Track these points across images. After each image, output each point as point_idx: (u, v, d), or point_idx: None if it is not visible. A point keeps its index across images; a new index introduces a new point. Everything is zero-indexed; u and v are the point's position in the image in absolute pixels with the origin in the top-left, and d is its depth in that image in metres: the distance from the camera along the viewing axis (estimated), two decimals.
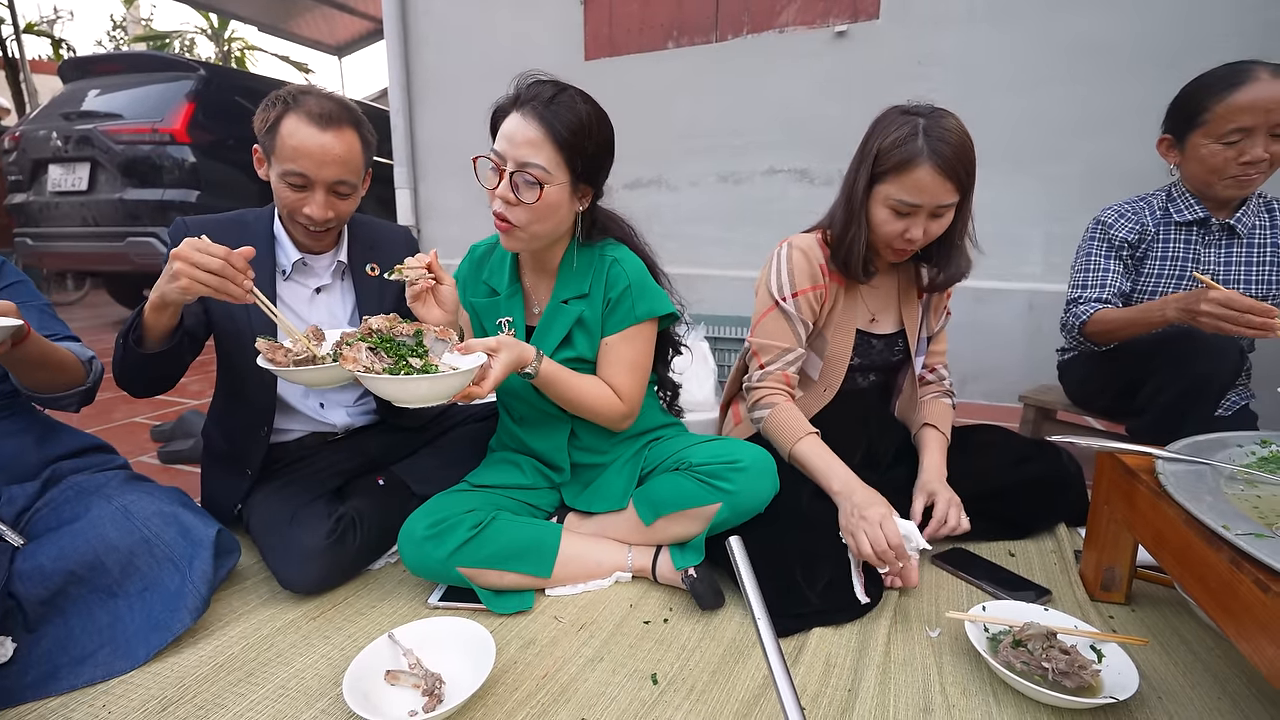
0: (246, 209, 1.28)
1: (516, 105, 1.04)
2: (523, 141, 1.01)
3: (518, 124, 1.02)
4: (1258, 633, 0.66)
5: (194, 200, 3.34)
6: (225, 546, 1.04)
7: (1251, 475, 0.90)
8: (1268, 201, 1.38)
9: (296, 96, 1.13)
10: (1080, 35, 2.17)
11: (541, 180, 1.02)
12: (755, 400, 1.28)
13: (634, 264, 1.17)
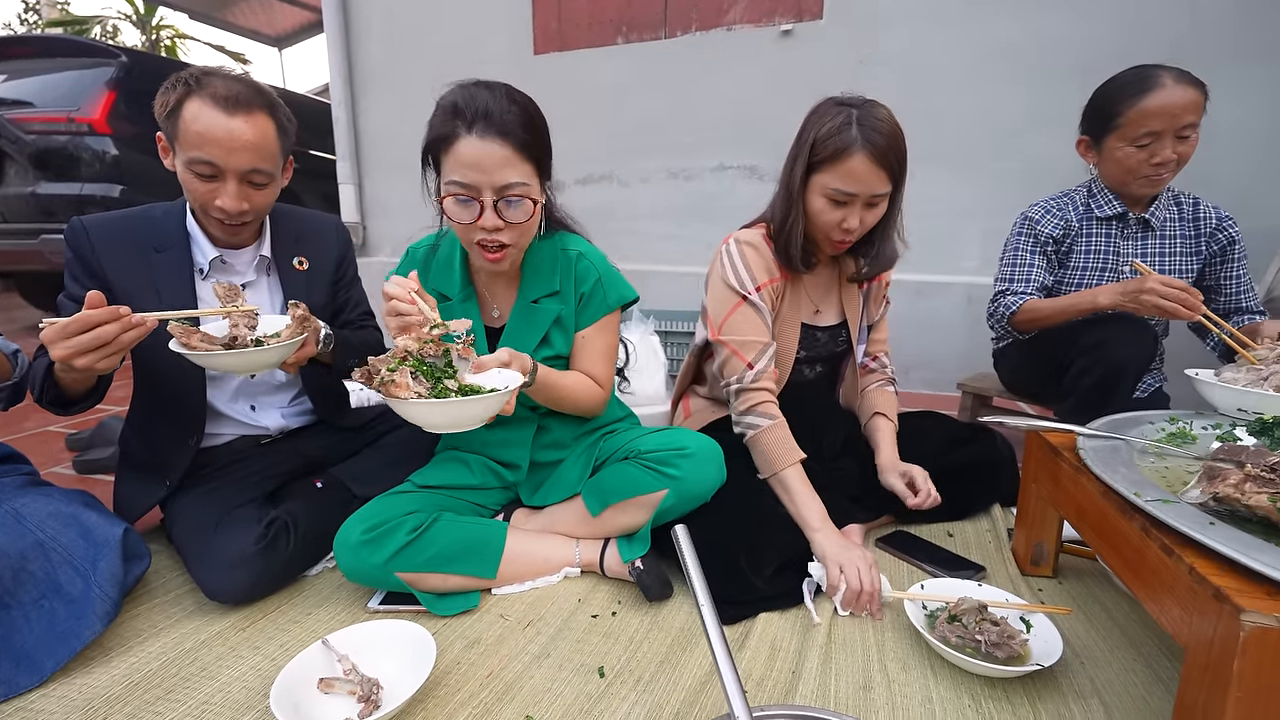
0: (155, 203, 1.19)
1: (468, 128, 0.95)
2: (495, 165, 0.95)
3: (481, 149, 0.95)
4: (1164, 594, 0.70)
5: (117, 195, 3.13)
6: (134, 549, 0.98)
7: (1162, 449, 0.96)
8: (1176, 195, 1.47)
9: (200, 78, 1.05)
10: (1015, 38, 2.27)
11: (526, 196, 0.99)
12: (752, 405, 1.21)
13: (597, 254, 1.19)
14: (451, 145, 0.96)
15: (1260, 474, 0.69)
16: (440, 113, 0.99)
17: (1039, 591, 1.10)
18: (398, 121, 3.35)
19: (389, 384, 0.83)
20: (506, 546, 1.10)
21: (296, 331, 1.03)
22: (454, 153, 0.96)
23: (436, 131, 0.99)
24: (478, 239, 1.01)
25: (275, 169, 1.13)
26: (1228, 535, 0.65)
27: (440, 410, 0.84)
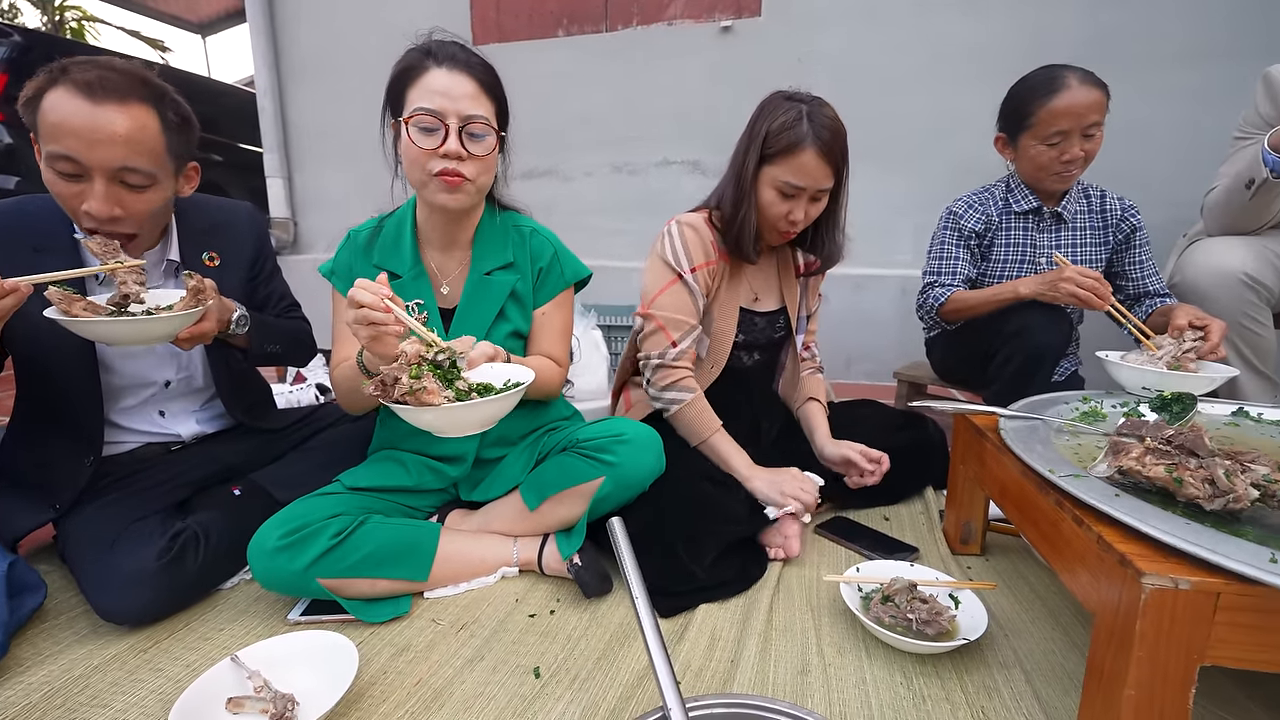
0: (32, 195, 1.06)
1: (437, 61, 0.98)
2: (462, 95, 0.98)
3: (450, 79, 0.98)
4: (1076, 563, 0.73)
5: (12, 187, 2.88)
6: (24, 581, 0.89)
7: (1076, 428, 1.00)
8: (1085, 188, 1.56)
9: (69, 66, 0.93)
10: (943, 40, 2.35)
11: (489, 129, 1.01)
12: (670, 381, 1.26)
13: (549, 231, 1.20)
14: (419, 76, 0.98)
15: (1158, 447, 0.73)
16: (407, 54, 1.02)
17: (968, 569, 1.14)
18: (329, 113, 3.20)
19: (420, 392, 0.78)
20: (440, 548, 1.06)
21: (191, 304, 0.95)
22: (422, 82, 0.98)
23: (403, 65, 1.01)
24: (438, 170, 0.99)
25: (158, 169, 0.99)
26: (1131, 506, 0.68)
27: (473, 412, 0.81)
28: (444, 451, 1.16)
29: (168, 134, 0.99)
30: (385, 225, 1.15)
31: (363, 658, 0.88)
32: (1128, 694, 0.62)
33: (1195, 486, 0.67)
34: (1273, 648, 0.58)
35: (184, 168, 1.07)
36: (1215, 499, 0.66)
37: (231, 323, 1.10)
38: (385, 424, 1.22)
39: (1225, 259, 1.44)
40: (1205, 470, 0.67)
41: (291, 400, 2.18)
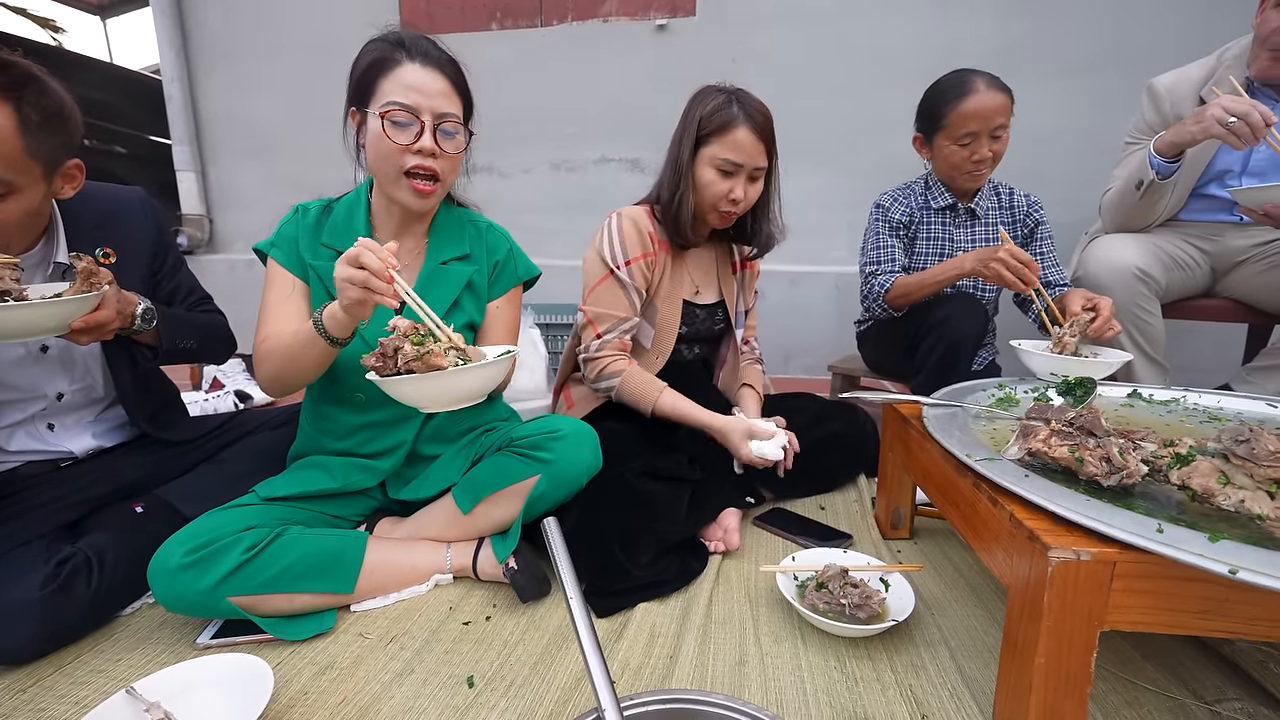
0: None
1: (410, 56, 0.97)
2: (436, 92, 0.98)
3: (424, 75, 0.97)
4: (991, 541, 0.76)
5: None
6: None
7: (992, 413, 1.06)
8: (995, 186, 1.66)
9: None
10: (866, 45, 2.44)
11: (459, 128, 1.02)
12: (600, 369, 1.30)
13: (503, 228, 1.22)
14: (392, 70, 0.97)
15: (1062, 429, 0.77)
16: (375, 45, 1.00)
17: (898, 553, 1.18)
18: (245, 102, 3.01)
19: (428, 356, 0.81)
20: (367, 557, 1.01)
21: (82, 289, 0.86)
22: (395, 76, 0.97)
23: (374, 57, 0.98)
24: (411, 165, 0.98)
25: (16, 175, 0.86)
26: (1039, 485, 0.72)
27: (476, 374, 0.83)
28: (377, 444, 1.11)
29: (28, 134, 0.85)
30: (336, 207, 1.11)
31: (281, 679, 0.83)
32: (1038, 662, 0.65)
33: (1094, 465, 0.71)
34: (1162, 610, 0.62)
35: (60, 167, 0.94)
36: (1111, 475, 0.70)
37: (136, 317, 1.01)
38: (313, 422, 1.15)
39: (1119, 255, 1.55)
40: (1102, 449, 0.72)
41: (207, 409, 2.04)
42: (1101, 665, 0.85)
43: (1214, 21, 2.00)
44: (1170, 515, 0.65)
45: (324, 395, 1.12)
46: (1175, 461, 0.69)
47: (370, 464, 1.10)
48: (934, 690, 0.82)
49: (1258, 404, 1.06)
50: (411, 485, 1.13)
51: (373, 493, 1.14)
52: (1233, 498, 0.62)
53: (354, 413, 1.10)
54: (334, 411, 1.12)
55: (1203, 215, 1.65)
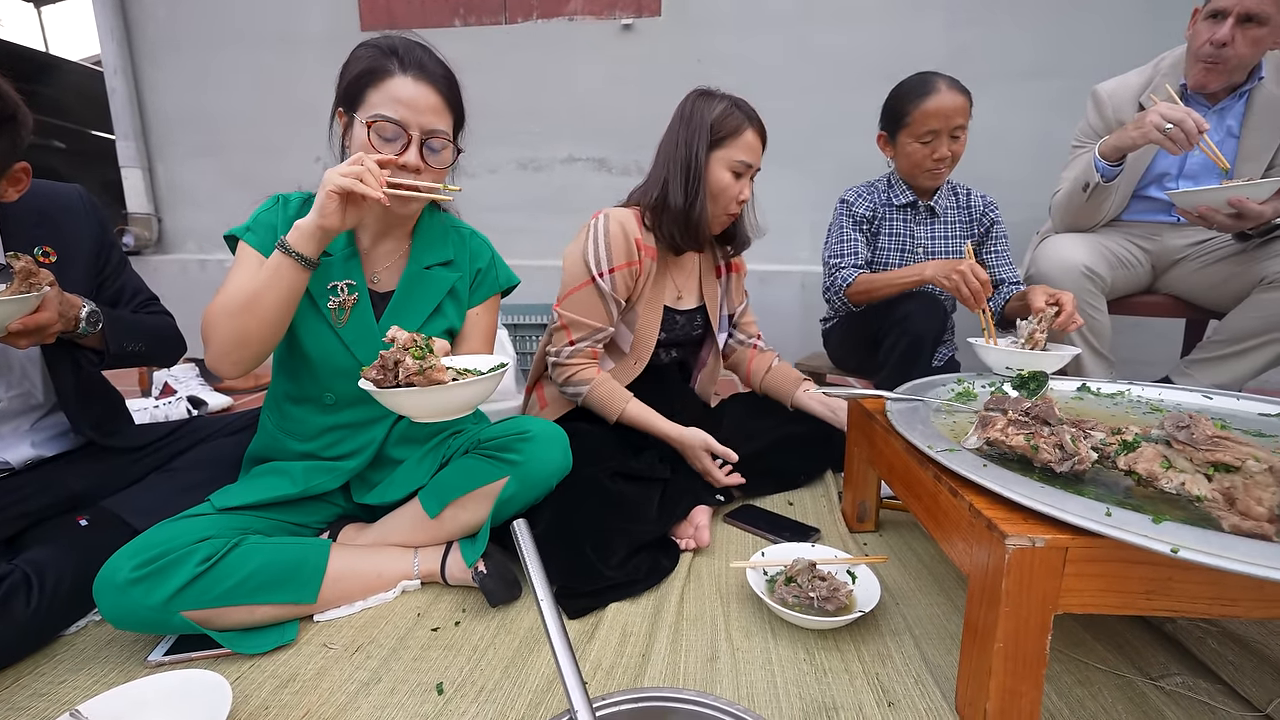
0: None
1: (403, 67, 0.95)
2: (427, 109, 0.97)
3: (415, 89, 0.95)
4: (952, 531, 0.78)
5: None
6: None
7: (952, 407, 1.09)
8: (953, 187, 1.72)
9: None
10: (827, 47, 2.49)
11: (448, 143, 1.01)
12: (568, 376, 1.30)
13: (484, 236, 1.21)
14: (383, 81, 0.95)
15: (1018, 418, 0.80)
16: (367, 51, 0.98)
17: (864, 545, 1.21)
18: (194, 96, 2.90)
19: (430, 370, 0.82)
20: (330, 565, 0.98)
21: (20, 290, 0.82)
22: (385, 88, 0.95)
23: (365, 66, 0.96)
24: (394, 178, 0.95)
25: None
26: (996, 474, 0.74)
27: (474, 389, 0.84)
28: (344, 449, 1.08)
29: None
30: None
31: (240, 694, 0.80)
32: (997, 646, 0.67)
33: (1048, 451, 0.74)
34: (1112, 592, 0.65)
35: (6, 171, 0.89)
36: (1064, 462, 0.73)
37: (80, 320, 0.96)
38: (277, 421, 1.11)
39: (1069, 254, 1.62)
40: (1056, 436, 0.75)
41: (158, 415, 1.95)
42: (1055, 647, 0.88)
43: (1152, 31, 2.10)
44: (1118, 499, 0.68)
45: (291, 394, 1.09)
46: (1122, 448, 0.72)
47: (334, 465, 1.07)
48: (899, 678, 0.84)
49: (1194, 396, 1.12)
50: (376, 490, 1.11)
51: (335, 498, 1.11)
52: (1174, 481, 0.65)
53: (322, 414, 1.08)
54: (301, 412, 1.08)
55: (1143, 216, 1.73)
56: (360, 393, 1.07)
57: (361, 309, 1.04)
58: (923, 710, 0.78)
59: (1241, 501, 0.59)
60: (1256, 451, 0.63)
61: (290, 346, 1.05)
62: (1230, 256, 1.59)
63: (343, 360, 1.03)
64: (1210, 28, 1.48)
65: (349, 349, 1.03)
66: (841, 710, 0.78)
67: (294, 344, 1.04)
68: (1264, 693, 0.80)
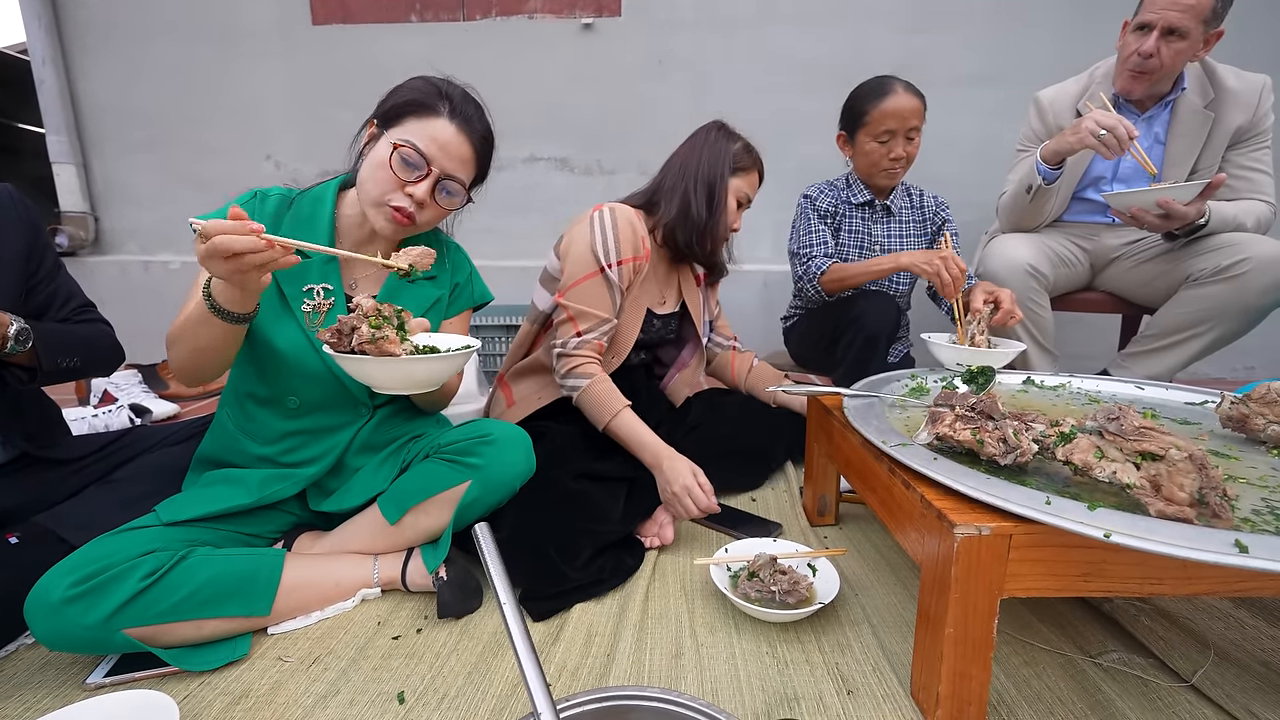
0: None
1: (451, 114, 0.99)
2: (456, 156, 1.00)
3: (453, 136, 0.99)
4: (905, 522, 0.81)
5: None
6: None
7: (906, 402, 1.13)
8: (907, 188, 1.80)
9: None
10: (785, 50, 2.54)
11: (462, 190, 1.03)
12: (570, 368, 1.29)
13: (464, 249, 1.24)
14: (428, 116, 0.98)
15: (965, 414, 0.83)
16: (424, 85, 1.01)
17: (824, 539, 1.24)
18: (135, 89, 2.76)
19: (381, 341, 0.82)
20: (284, 575, 0.95)
21: None
22: (427, 124, 0.98)
23: (416, 96, 0.99)
24: (396, 203, 0.97)
25: None
26: (945, 467, 0.77)
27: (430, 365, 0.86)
28: (304, 455, 1.05)
29: None
30: (299, 201, 1.05)
31: (188, 713, 0.77)
32: (948, 632, 0.70)
33: (992, 445, 0.78)
34: (1053, 576, 0.69)
35: None
36: (1007, 455, 0.77)
37: (9, 339, 0.91)
38: (238, 422, 1.06)
39: (1013, 253, 1.70)
40: (999, 430, 0.78)
41: (97, 425, 1.85)
42: (1003, 630, 0.92)
43: (1087, 41, 2.20)
44: (1057, 489, 0.72)
45: (255, 394, 1.05)
46: (1060, 440, 0.76)
47: (292, 472, 1.04)
48: (858, 666, 0.86)
49: (1129, 387, 1.18)
50: (334, 496, 1.08)
51: (290, 507, 1.08)
52: (1107, 470, 0.69)
53: (285, 417, 1.04)
54: (264, 414, 1.05)
55: (1082, 217, 1.82)
56: (325, 398, 1.05)
57: (337, 314, 1.01)
58: (880, 697, 0.80)
59: (1165, 488, 0.63)
60: (1178, 441, 0.67)
61: (257, 346, 1.01)
62: (1160, 256, 1.69)
63: (313, 364, 1.00)
64: (1137, 39, 1.57)
65: (320, 354, 1.00)
66: (803, 700, 0.80)
67: (262, 343, 1.00)
68: (1190, 664, 0.85)
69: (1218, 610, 0.98)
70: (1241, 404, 0.90)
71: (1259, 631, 0.93)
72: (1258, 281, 1.49)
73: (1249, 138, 1.65)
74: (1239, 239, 1.55)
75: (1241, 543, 0.56)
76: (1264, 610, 0.98)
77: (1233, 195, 1.65)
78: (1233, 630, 0.93)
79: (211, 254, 0.74)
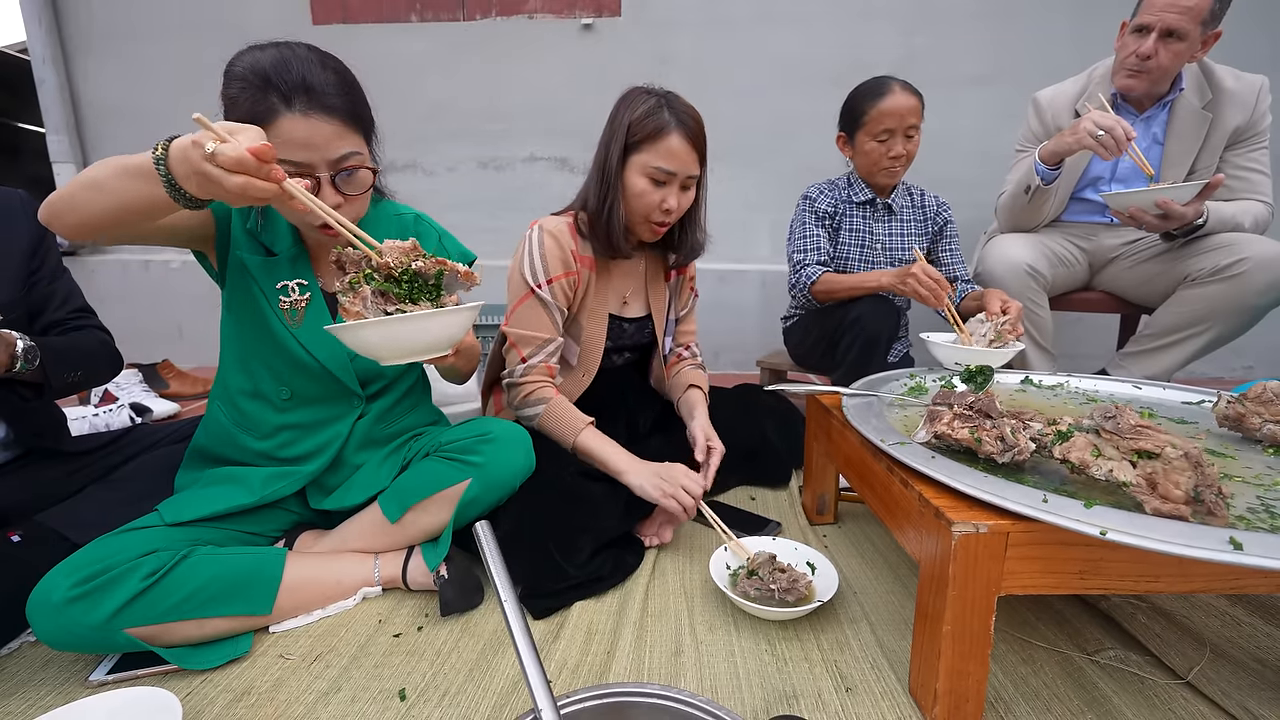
0: None
1: (288, 105, 0.84)
2: (325, 142, 0.87)
3: (309, 127, 0.85)
4: (904, 520, 0.82)
5: None
6: None
7: (905, 402, 1.13)
8: (908, 187, 1.80)
9: None
10: (784, 50, 2.54)
11: (362, 165, 0.92)
12: (523, 396, 1.23)
13: (430, 218, 1.16)
14: (272, 122, 0.84)
15: (963, 412, 0.84)
16: (242, 86, 0.85)
17: (824, 537, 1.24)
18: (131, 87, 2.76)
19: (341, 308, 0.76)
20: (286, 574, 0.95)
21: None
22: (276, 131, 0.84)
23: (245, 110, 0.84)
24: (319, 222, 0.86)
25: None
26: (944, 465, 0.78)
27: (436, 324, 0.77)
28: (300, 449, 1.04)
29: None
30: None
31: (191, 711, 0.78)
32: (946, 629, 0.70)
33: (990, 443, 0.78)
34: (1050, 574, 0.69)
35: None
36: (1005, 453, 0.77)
37: (17, 357, 0.92)
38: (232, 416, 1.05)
39: (1013, 254, 1.70)
40: (997, 429, 0.78)
41: (98, 424, 1.86)
42: (1001, 628, 0.93)
43: (1087, 41, 2.21)
44: (1054, 487, 0.72)
45: (244, 389, 1.04)
46: (1057, 438, 0.77)
47: (292, 470, 1.04)
48: (856, 664, 0.87)
49: (1126, 386, 1.19)
50: (335, 495, 1.08)
51: (291, 505, 1.08)
52: (1103, 468, 0.69)
53: (277, 412, 1.04)
54: (255, 407, 1.04)
55: (1080, 217, 1.83)
56: (316, 390, 1.05)
57: (316, 309, 1.02)
58: (878, 694, 0.81)
59: (1161, 486, 0.63)
60: (1174, 439, 0.67)
61: (243, 342, 1.02)
62: (1158, 255, 1.69)
63: (299, 357, 1.00)
64: (1136, 40, 1.58)
65: (306, 349, 1.00)
66: (801, 698, 0.80)
67: (247, 340, 1.01)
68: (1186, 662, 0.86)
69: (1214, 608, 0.99)
70: (1238, 403, 0.90)
71: (1254, 629, 0.93)
72: (1256, 281, 1.49)
73: (1247, 138, 1.65)
74: (1237, 239, 1.56)
75: (1236, 540, 0.57)
76: (1260, 607, 0.99)
77: (1230, 195, 1.66)
78: (1228, 628, 0.94)
79: (215, 182, 0.66)
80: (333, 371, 1.02)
